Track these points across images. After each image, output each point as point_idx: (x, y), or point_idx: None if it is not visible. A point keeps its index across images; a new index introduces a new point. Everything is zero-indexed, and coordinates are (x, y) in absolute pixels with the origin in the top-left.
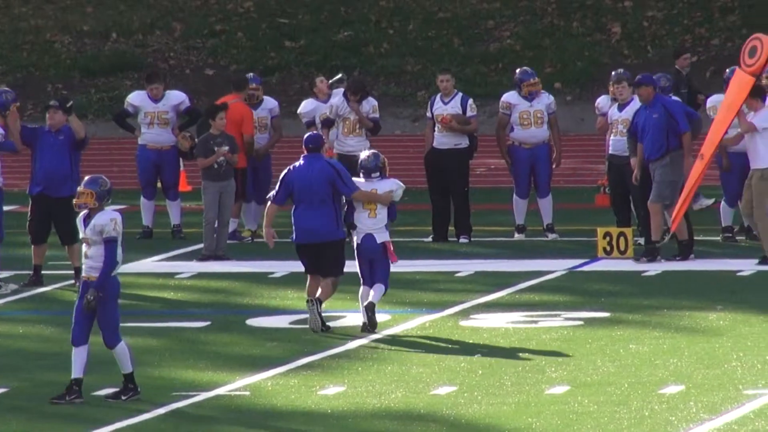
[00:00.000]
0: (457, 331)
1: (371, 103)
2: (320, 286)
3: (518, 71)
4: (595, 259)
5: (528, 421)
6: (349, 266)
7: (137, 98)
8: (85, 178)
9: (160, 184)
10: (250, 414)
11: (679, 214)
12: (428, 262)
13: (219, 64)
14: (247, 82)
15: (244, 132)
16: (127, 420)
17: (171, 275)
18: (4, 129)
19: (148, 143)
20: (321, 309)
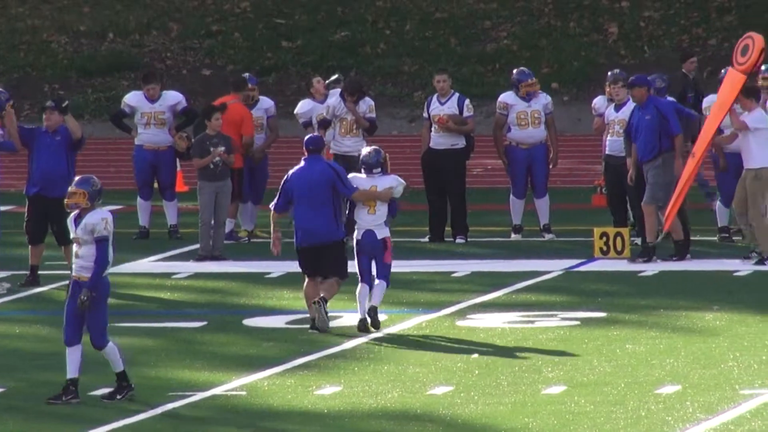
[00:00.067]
0: (453, 331)
1: (368, 103)
2: (325, 286)
3: (515, 72)
4: (592, 259)
5: (524, 421)
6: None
7: (134, 98)
8: (76, 178)
9: (156, 185)
10: (247, 414)
11: (672, 214)
12: (425, 263)
13: (216, 65)
14: (246, 83)
15: (244, 133)
16: (124, 420)
17: (168, 275)
18: (2, 129)
19: (145, 144)
20: (326, 308)
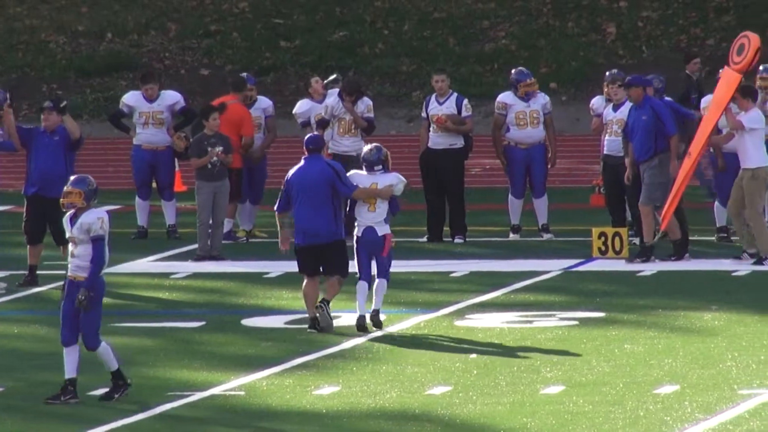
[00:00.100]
0: (452, 331)
1: (366, 103)
2: (327, 286)
3: (514, 72)
4: (590, 259)
5: (523, 421)
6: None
7: (132, 98)
8: (71, 178)
9: (155, 185)
10: (245, 414)
11: (669, 214)
12: (423, 262)
13: (214, 65)
14: (246, 83)
15: (244, 134)
16: (123, 420)
17: (166, 275)
18: (1, 129)
19: (143, 143)
20: (329, 309)
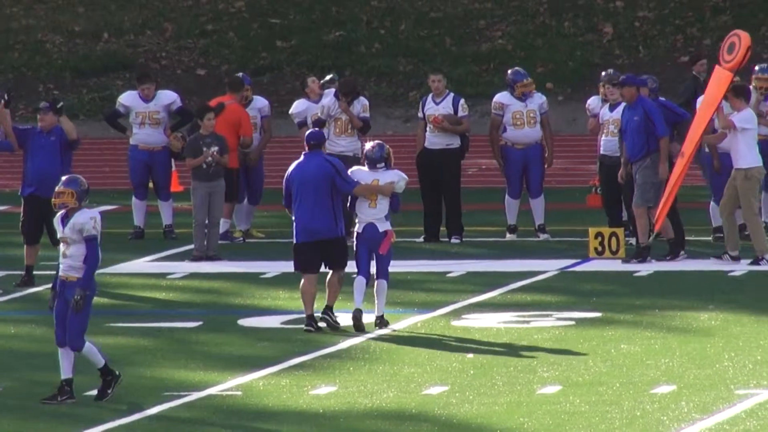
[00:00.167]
0: (448, 331)
1: (362, 103)
2: (328, 287)
3: (510, 72)
4: (587, 259)
5: (519, 421)
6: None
7: (129, 98)
8: (63, 178)
9: (151, 185)
10: (242, 414)
11: (662, 215)
12: (420, 263)
13: (210, 64)
14: (243, 84)
15: (242, 134)
16: (120, 420)
17: (163, 275)
18: None
19: (140, 143)
20: (334, 316)
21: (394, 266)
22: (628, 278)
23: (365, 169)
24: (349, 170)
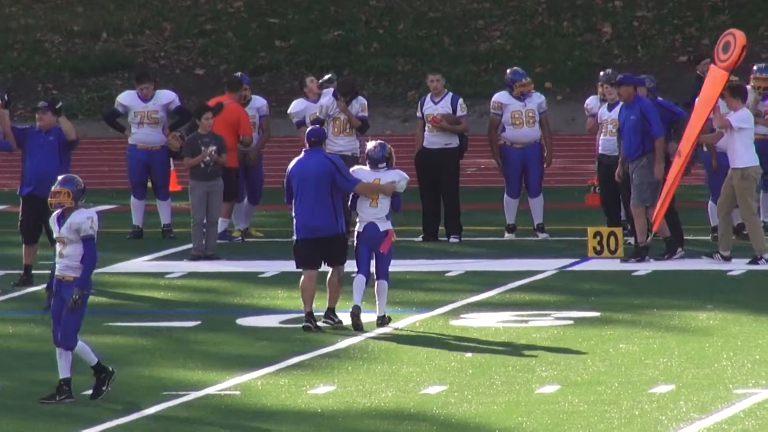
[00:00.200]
0: (447, 331)
1: (360, 102)
2: (328, 288)
3: (509, 71)
4: (585, 258)
5: (518, 420)
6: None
7: (127, 98)
8: (59, 178)
9: (150, 184)
10: (240, 414)
11: (660, 215)
12: (419, 262)
13: (209, 64)
14: (241, 83)
15: (242, 133)
16: (118, 419)
17: (161, 275)
18: None
19: (138, 143)
20: (337, 318)
21: (393, 266)
22: (626, 278)
23: (367, 168)
24: (351, 169)
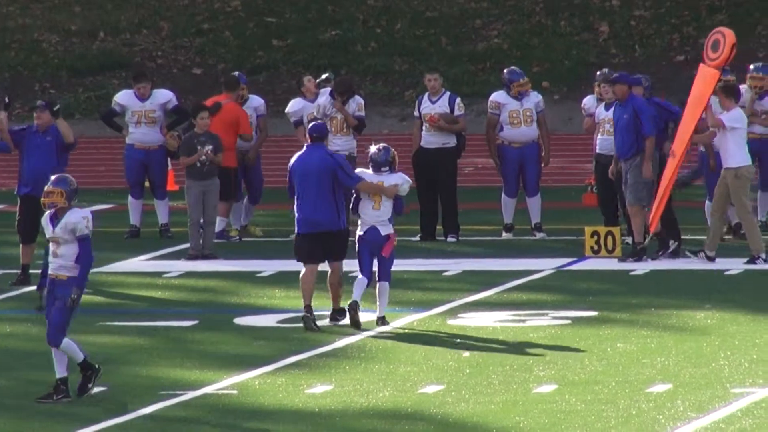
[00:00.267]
0: (444, 330)
1: (357, 102)
2: (330, 289)
3: (506, 71)
4: (583, 258)
5: (515, 419)
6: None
7: (125, 97)
8: (52, 178)
9: (147, 184)
10: (238, 413)
11: (657, 216)
12: (416, 261)
13: (206, 63)
14: (239, 83)
15: (242, 132)
16: (115, 419)
17: (159, 274)
18: None
19: (136, 142)
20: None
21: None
22: (624, 277)
23: (369, 171)
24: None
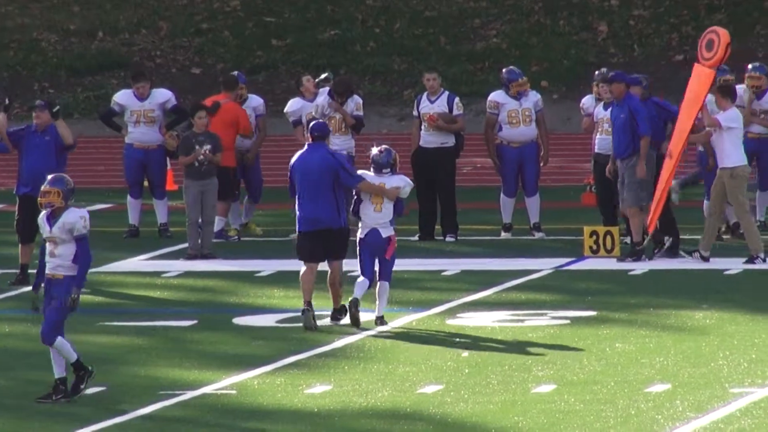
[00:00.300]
0: (443, 330)
1: (355, 101)
2: (330, 290)
3: (505, 71)
4: (582, 257)
5: (514, 419)
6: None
7: (123, 97)
8: (48, 177)
9: (147, 183)
10: (236, 413)
11: (655, 217)
12: (415, 261)
13: (205, 63)
14: (237, 82)
15: (243, 130)
16: (114, 419)
17: (157, 274)
18: None
19: (135, 142)
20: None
21: None
22: (623, 277)
23: (371, 173)
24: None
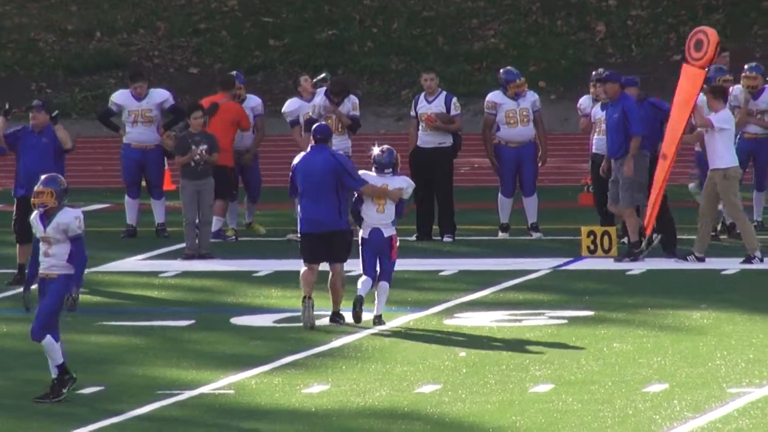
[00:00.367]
0: (441, 330)
1: (352, 101)
2: (331, 291)
3: (502, 71)
4: (579, 257)
5: (512, 419)
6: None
7: (121, 97)
8: (41, 178)
9: (144, 183)
10: (234, 413)
11: (652, 216)
12: (412, 261)
13: (203, 63)
14: (235, 82)
15: (243, 129)
16: (111, 419)
17: (155, 274)
18: None
19: (133, 142)
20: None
21: None
22: (620, 277)
23: (372, 173)
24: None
